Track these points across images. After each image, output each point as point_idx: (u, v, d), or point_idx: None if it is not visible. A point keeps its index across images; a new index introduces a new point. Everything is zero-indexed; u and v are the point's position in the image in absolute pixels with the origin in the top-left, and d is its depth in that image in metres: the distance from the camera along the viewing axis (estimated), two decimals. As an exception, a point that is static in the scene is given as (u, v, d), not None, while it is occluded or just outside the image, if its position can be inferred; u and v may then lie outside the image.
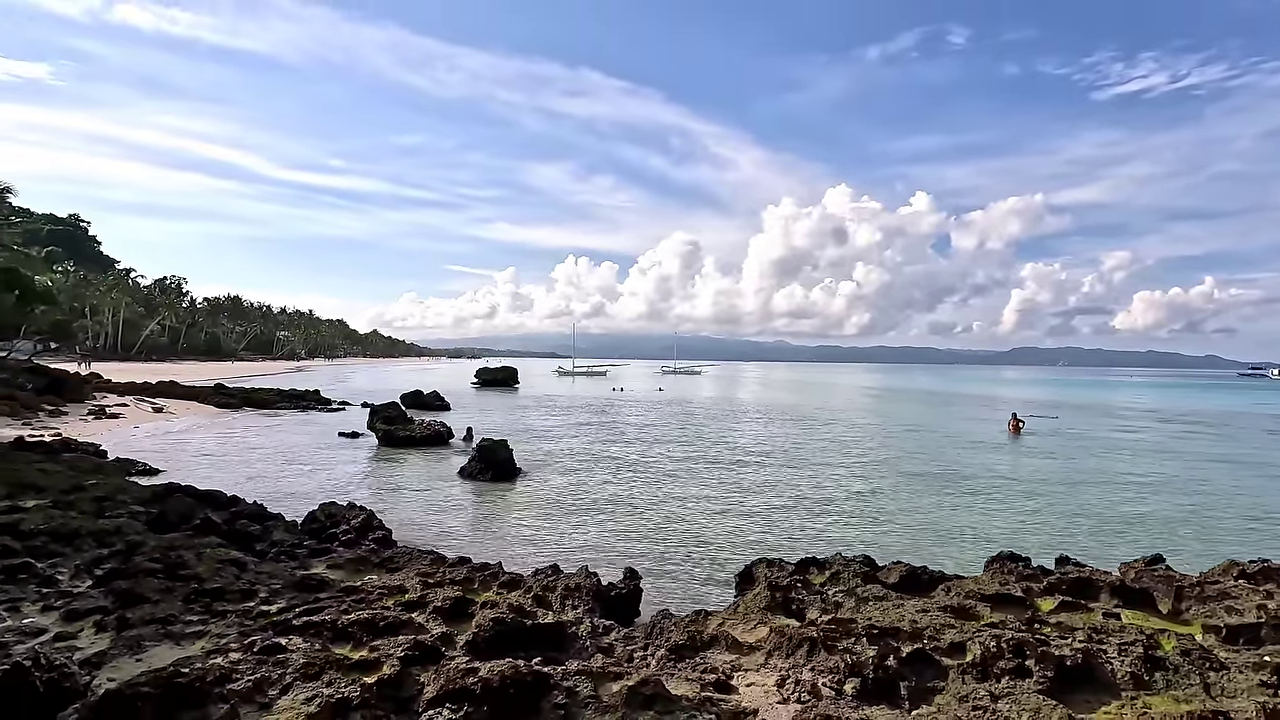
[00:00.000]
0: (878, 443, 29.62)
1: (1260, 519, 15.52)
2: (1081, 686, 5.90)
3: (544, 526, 13.72)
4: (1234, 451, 28.38)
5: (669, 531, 13.53)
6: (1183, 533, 14.15)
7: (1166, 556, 9.14)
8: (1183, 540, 13.50)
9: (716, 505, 16.13)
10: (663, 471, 20.84)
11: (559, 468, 21.10)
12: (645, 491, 17.65)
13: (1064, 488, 19.14)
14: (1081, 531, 14.16)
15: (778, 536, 13.37)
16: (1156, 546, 11.20)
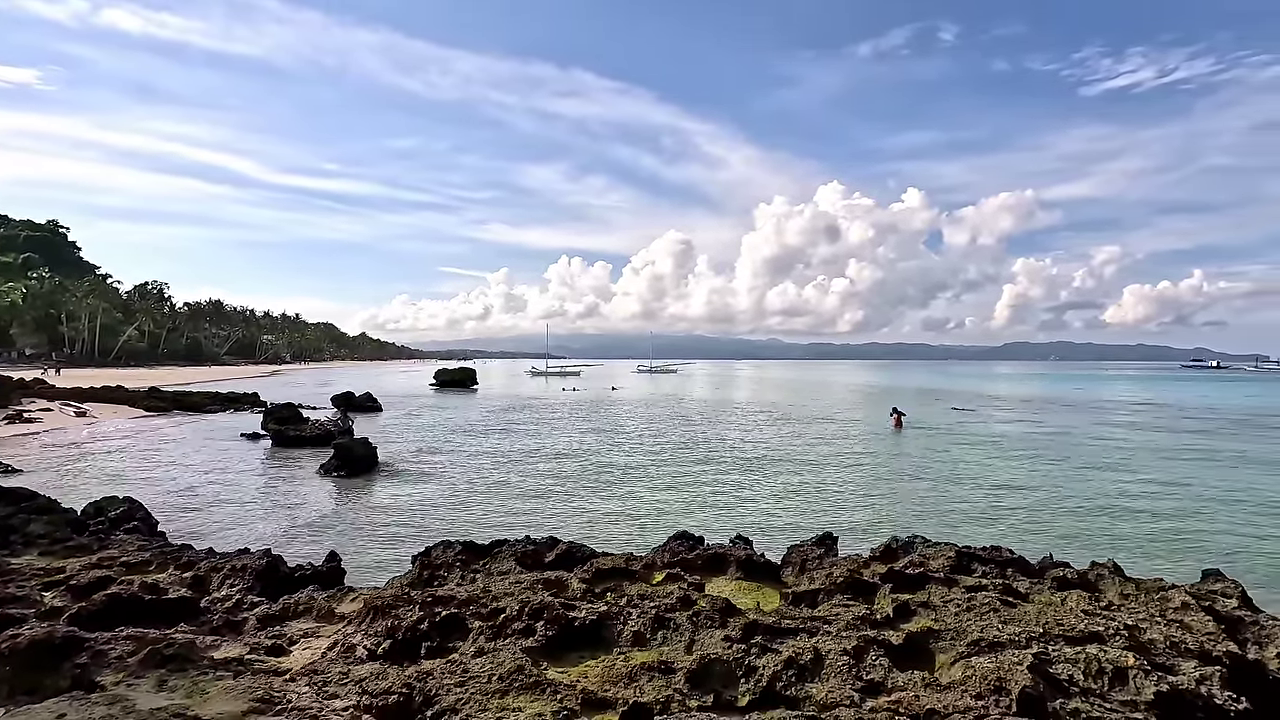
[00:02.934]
0: (744, 434, 30.26)
1: (1040, 513, 16.23)
2: (581, 645, 6.58)
3: (359, 517, 14.38)
4: (1097, 442, 29.15)
5: (479, 519, 14.19)
6: (929, 520, 14.83)
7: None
8: (924, 528, 14.24)
9: (549, 498, 16.79)
10: (524, 466, 21.49)
11: (430, 463, 21.73)
12: (490, 484, 18.32)
13: (874, 474, 19.90)
14: (846, 512, 14.90)
15: (559, 518, 14.06)
16: (912, 530, 11.90)
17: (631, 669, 5.94)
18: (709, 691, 5.68)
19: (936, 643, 6.35)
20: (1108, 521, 14.57)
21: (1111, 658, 5.86)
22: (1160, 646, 6.37)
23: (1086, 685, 5.68)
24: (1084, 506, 15.96)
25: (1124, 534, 13.60)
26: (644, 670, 5.92)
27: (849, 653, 6.00)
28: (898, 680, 5.75)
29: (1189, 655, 6.26)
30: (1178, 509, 15.66)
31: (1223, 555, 11.96)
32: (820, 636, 6.34)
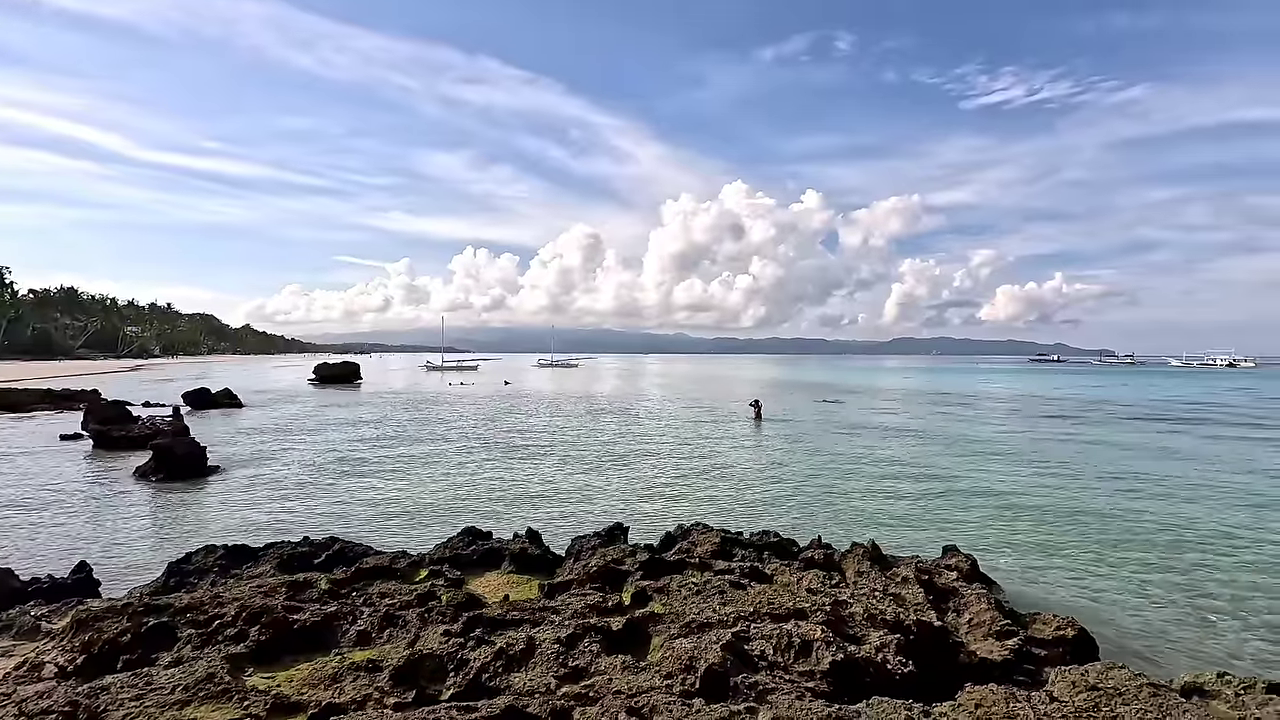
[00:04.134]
0: (611, 427, 30.80)
1: (853, 496, 17.41)
2: (301, 648, 6.40)
3: (158, 525, 13.37)
4: (927, 433, 31.67)
5: (298, 523, 13.53)
6: (752, 507, 15.68)
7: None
8: (745, 515, 14.99)
9: (383, 498, 16.29)
10: (370, 465, 20.78)
11: (269, 465, 20.55)
12: (326, 485, 17.55)
13: (717, 465, 20.75)
14: (680, 503, 15.45)
15: (382, 519, 13.70)
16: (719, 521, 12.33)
17: (339, 670, 5.84)
18: (413, 688, 5.68)
19: (655, 626, 6.62)
20: (907, 503, 15.79)
21: (803, 632, 6.33)
22: (859, 619, 6.94)
23: (774, 659, 6.10)
24: (895, 490, 17.23)
25: (914, 513, 14.78)
26: (352, 670, 5.84)
27: (562, 641, 6.16)
28: (601, 665, 5.96)
29: (882, 626, 6.85)
30: (977, 489, 17.18)
31: (994, 530, 13.26)
32: (543, 626, 6.47)
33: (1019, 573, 10.98)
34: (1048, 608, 9.32)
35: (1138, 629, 8.72)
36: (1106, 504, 15.81)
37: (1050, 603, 9.52)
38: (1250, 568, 11.25)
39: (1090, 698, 5.03)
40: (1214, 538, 12.98)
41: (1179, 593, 10.07)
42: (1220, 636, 8.54)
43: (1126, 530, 13.50)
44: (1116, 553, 11.99)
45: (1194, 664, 7.54)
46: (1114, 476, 19.38)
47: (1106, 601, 9.70)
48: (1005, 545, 12.49)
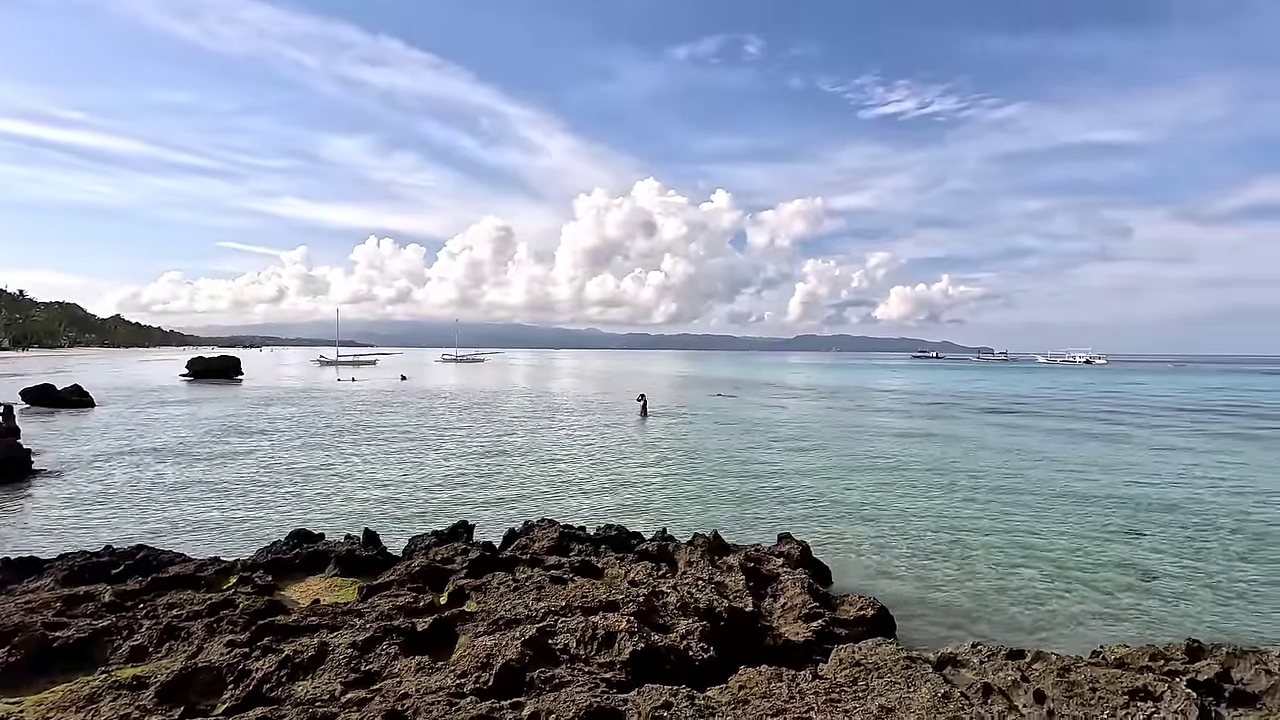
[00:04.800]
0: (499, 424, 30.52)
1: (715, 488, 18.01)
2: (63, 666, 5.88)
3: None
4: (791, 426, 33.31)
5: (120, 533, 12.42)
6: (621, 500, 15.95)
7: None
8: (614, 509, 15.21)
9: (226, 501, 15.27)
10: (223, 466, 19.48)
11: (107, 469, 18.79)
12: (167, 488, 16.26)
13: (595, 459, 20.98)
14: (544, 501, 15.46)
15: (218, 527, 12.87)
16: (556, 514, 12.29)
17: (98, 690, 5.39)
18: (180, 704, 5.32)
19: (464, 625, 6.52)
20: (770, 493, 16.46)
21: (609, 624, 6.41)
22: (672, 609, 7.11)
23: (576, 652, 6.14)
24: (761, 481, 17.91)
25: (774, 502, 15.43)
26: (113, 690, 5.41)
27: (358, 645, 5.95)
28: (396, 667, 5.81)
29: (693, 614, 7.04)
30: (841, 479, 18.14)
31: (835, 517, 14.04)
32: (342, 631, 6.24)
33: (857, 556, 11.64)
34: (874, 589, 9.95)
35: (948, 607, 9.44)
36: (949, 496, 17.06)
37: (877, 584, 10.17)
38: (1047, 553, 12.45)
39: (851, 673, 5.38)
40: (1033, 524, 14.29)
41: (995, 572, 11.00)
42: (1013, 609, 9.40)
43: (965, 519, 14.62)
44: (952, 538, 12.96)
45: (978, 635, 8.24)
46: (962, 471, 20.94)
47: (928, 582, 10.44)
48: (852, 531, 13.23)
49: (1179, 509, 15.20)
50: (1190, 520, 14.22)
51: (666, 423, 31.29)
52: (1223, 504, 15.77)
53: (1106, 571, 10.98)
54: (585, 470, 19.51)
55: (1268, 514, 14.84)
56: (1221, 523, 14.04)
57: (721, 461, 21.04)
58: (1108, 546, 12.37)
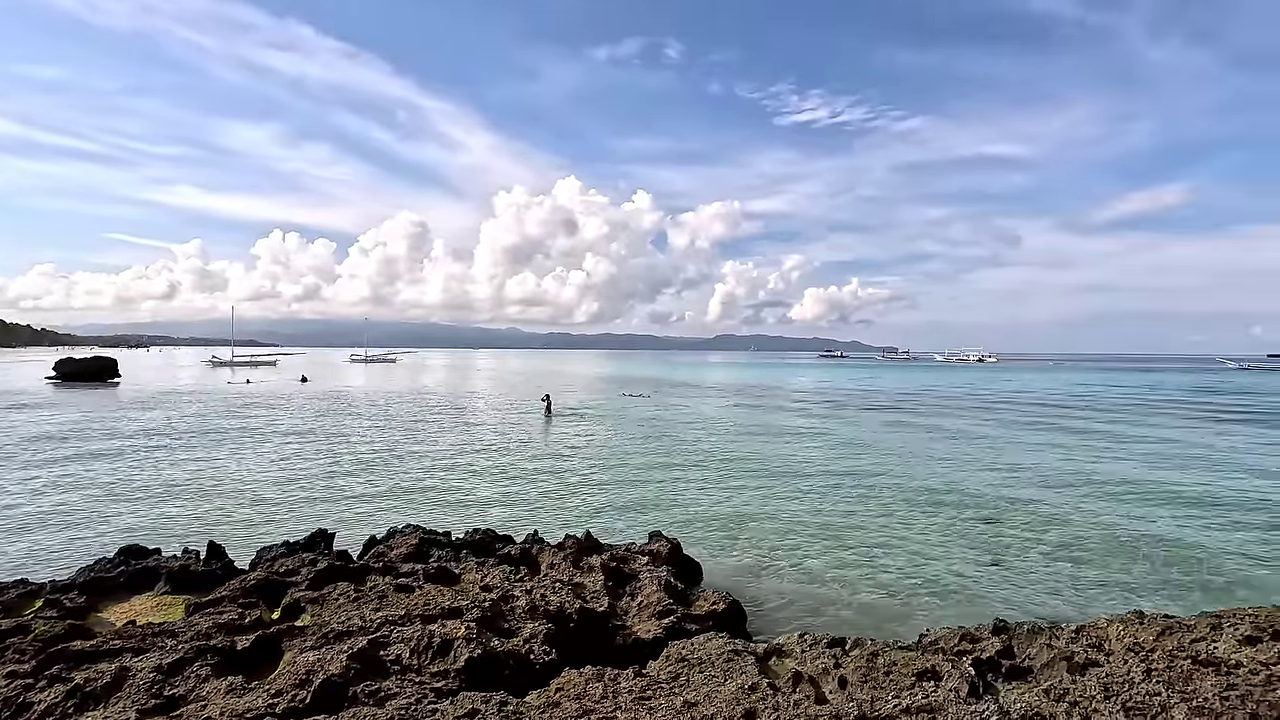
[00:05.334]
0: (397, 427, 29.73)
1: (606, 486, 18.15)
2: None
3: None
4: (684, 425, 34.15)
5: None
6: (511, 501, 15.84)
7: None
8: (500, 511, 15.05)
9: (69, 519, 14.02)
10: (69, 474, 17.91)
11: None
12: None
13: (492, 462, 20.75)
14: (430, 509, 15.12)
15: (72, 543, 11.82)
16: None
17: None
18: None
19: (291, 641, 6.22)
20: (660, 491, 16.69)
21: (446, 632, 6.27)
22: (520, 612, 7.03)
23: (409, 662, 5.97)
24: (652, 479, 18.15)
25: (662, 500, 15.66)
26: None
27: (164, 668, 5.56)
28: (205, 690, 5.46)
29: (542, 617, 6.99)
30: (729, 478, 18.60)
31: (716, 514, 14.40)
32: (149, 654, 5.81)
33: (733, 552, 11.95)
34: (742, 584, 10.25)
35: (812, 598, 9.82)
36: (831, 492, 17.81)
37: (746, 579, 10.48)
38: (911, 544, 13.21)
39: (675, 669, 5.49)
40: (905, 517, 15.12)
41: (862, 564, 11.54)
42: (870, 598, 9.89)
43: (841, 514, 15.28)
44: (826, 532, 13.51)
45: (831, 625, 8.63)
46: (846, 468, 21.92)
47: (796, 575, 10.84)
48: (733, 528, 13.57)
49: (1030, 498, 16.47)
50: (1039, 509, 15.44)
51: (570, 423, 31.14)
52: (1066, 492, 17.22)
53: (960, 559, 11.75)
54: (477, 473, 19.14)
55: (1095, 505, 16.31)
56: (1060, 510, 15.32)
57: (617, 461, 21.14)
58: (964, 535, 13.24)
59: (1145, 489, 17.38)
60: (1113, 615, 7.37)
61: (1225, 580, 10.78)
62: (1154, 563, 11.56)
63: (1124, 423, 34.38)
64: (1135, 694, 4.39)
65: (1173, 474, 19.55)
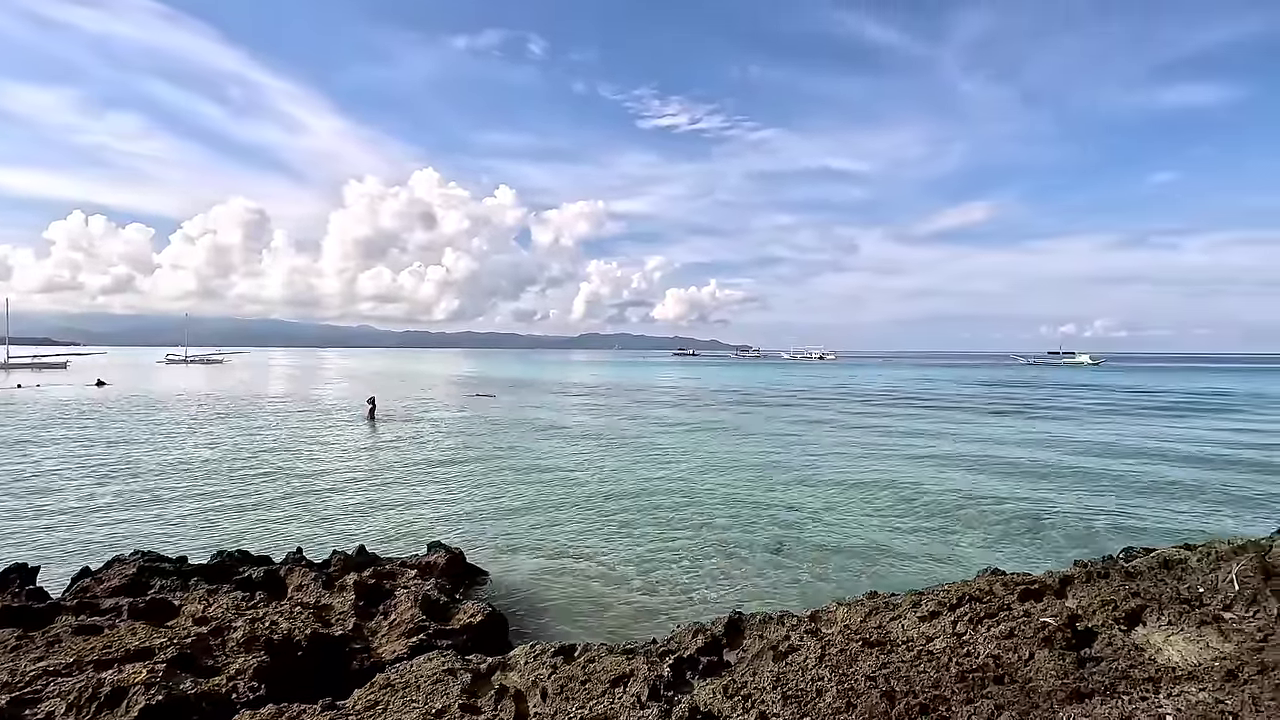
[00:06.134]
0: (202, 436, 27.01)
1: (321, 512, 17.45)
2: None
3: None
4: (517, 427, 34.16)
5: None
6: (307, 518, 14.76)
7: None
8: (299, 527, 13.93)
9: None
10: None
11: None
12: None
13: (297, 472, 19.31)
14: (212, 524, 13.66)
15: None
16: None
17: None
18: None
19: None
20: (470, 500, 16.16)
21: (121, 678, 5.46)
22: (234, 645, 6.32)
23: (64, 717, 5.13)
24: (464, 487, 17.57)
25: (471, 511, 15.15)
26: None
27: None
28: None
29: (261, 648, 6.31)
30: (547, 482, 18.41)
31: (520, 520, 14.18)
32: None
33: (529, 559, 11.70)
34: (529, 593, 10.03)
35: (590, 603, 9.79)
36: (647, 493, 18.14)
37: (535, 587, 10.28)
38: (703, 540, 13.71)
39: (377, 697, 5.12)
40: (709, 515, 15.67)
41: (645, 565, 11.72)
42: (645, 599, 10.05)
43: (648, 516, 15.55)
44: (628, 533, 13.65)
45: (597, 629, 8.64)
46: (667, 466, 22.51)
47: (582, 581, 10.78)
48: (536, 534, 13.34)
49: (829, 487, 17.76)
50: (834, 498, 16.66)
51: (399, 427, 29.44)
52: (867, 481, 18.77)
53: (755, 549, 12.32)
54: (271, 485, 17.48)
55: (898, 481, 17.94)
56: (852, 498, 16.66)
57: (436, 468, 20.21)
58: (760, 528, 13.94)
59: (917, 474, 19.36)
60: (846, 599, 7.96)
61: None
62: (932, 540, 12.80)
63: (906, 416, 38.39)
64: (801, 680, 4.63)
65: (902, 467, 21.95)
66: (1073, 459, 22.42)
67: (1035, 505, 15.66)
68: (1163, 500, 16.45)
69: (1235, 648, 5.02)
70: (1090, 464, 21.50)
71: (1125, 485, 18.10)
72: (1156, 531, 13.53)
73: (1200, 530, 13.41)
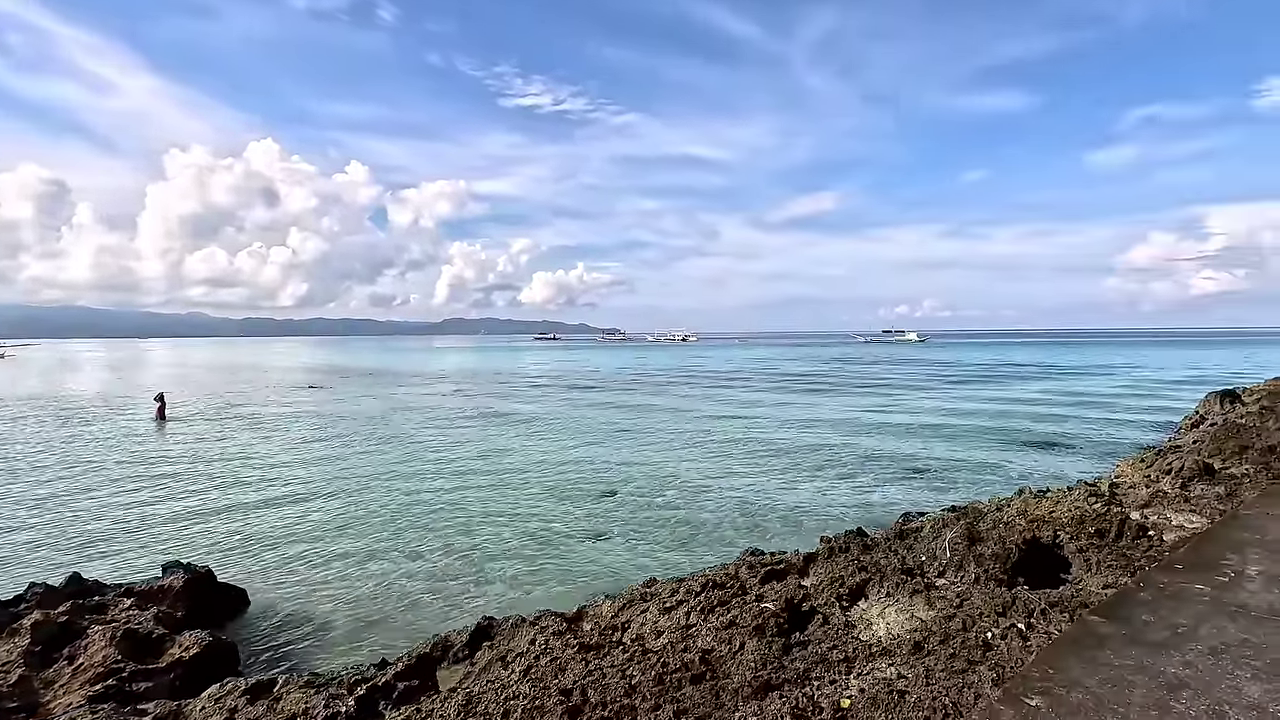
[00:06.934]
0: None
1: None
2: None
3: None
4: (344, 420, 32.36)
5: None
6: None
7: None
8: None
9: None
10: None
11: None
12: None
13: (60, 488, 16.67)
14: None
15: None
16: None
17: None
18: None
19: None
20: (241, 513, 14.57)
21: None
22: None
23: None
24: (254, 497, 15.87)
25: (237, 525, 13.62)
26: None
27: None
28: None
29: None
30: (348, 487, 17.04)
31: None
32: None
33: (303, 574, 10.56)
34: (295, 610, 9.00)
35: (357, 620, 8.94)
36: (449, 491, 17.30)
37: (303, 603, 9.25)
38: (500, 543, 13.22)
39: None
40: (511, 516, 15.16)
41: (449, 567, 11.00)
42: (409, 615, 9.37)
43: (447, 520, 14.75)
44: (431, 536, 12.80)
45: (364, 649, 7.87)
46: (473, 466, 21.76)
47: (358, 595, 9.85)
48: (321, 545, 12.16)
49: (651, 466, 17.89)
50: (658, 480, 16.75)
51: (193, 428, 26.00)
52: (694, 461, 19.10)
53: (566, 543, 11.95)
54: (14, 503, 14.75)
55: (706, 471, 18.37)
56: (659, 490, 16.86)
57: (217, 475, 17.78)
58: (576, 521, 13.63)
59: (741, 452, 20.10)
60: (623, 591, 7.76)
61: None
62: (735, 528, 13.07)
63: (747, 390, 40.34)
64: (493, 702, 4.23)
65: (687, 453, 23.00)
66: (880, 428, 24.35)
67: (847, 476, 16.70)
68: (958, 463, 18.17)
69: (935, 615, 5.27)
70: (890, 433, 23.43)
71: (918, 454, 19.83)
72: (957, 489, 14.91)
73: (986, 488, 14.80)
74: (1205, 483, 9.81)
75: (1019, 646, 4.54)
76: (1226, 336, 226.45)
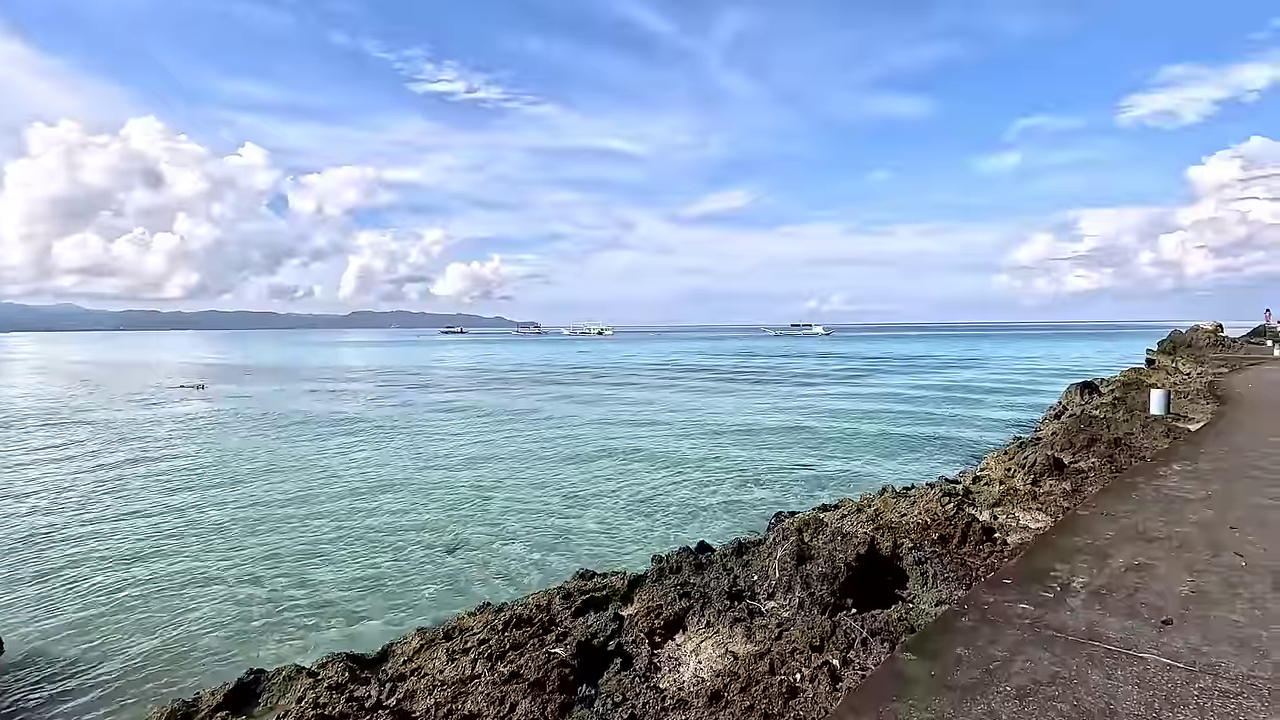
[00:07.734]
0: None
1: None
2: None
3: None
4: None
5: None
6: None
7: None
8: None
9: None
10: None
11: None
12: None
13: None
14: None
15: None
16: None
17: None
18: None
19: None
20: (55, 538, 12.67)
21: None
22: None
23: None
24: (76, 517, 13.88)
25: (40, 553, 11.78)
26: None
27: None
28: None
29: None
30: (174, 507, 15.26)
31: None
32: None
33: (98, 611, 9.01)
34: (58, 654, 7.56)
35: (137, 660, 7.60)
36: (269, 513, 15.86)
37: (74, 645, 7.80)
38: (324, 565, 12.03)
39: None
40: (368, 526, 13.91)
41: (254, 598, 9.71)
42: (224, 651, 8.13)
43: (284, 534, 13.36)
44: (234, 562, 11.40)
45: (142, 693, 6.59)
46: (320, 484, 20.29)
47: (149, 630, 8.48)
48: (111, 575, 10.56)
49: (523, 476, 16.97)
50: (532, 487, 15.85)
51: (23, 437, 22.94)
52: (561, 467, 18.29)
53: (427, 557, 10.86)
54: None
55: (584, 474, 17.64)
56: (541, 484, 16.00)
57: (32, 489, 15.53)
58: (442, 529, 12.55)
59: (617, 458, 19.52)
60: (441, 624, 6.84)
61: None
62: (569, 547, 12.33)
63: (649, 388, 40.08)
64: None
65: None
66: (776, 422, 24.39)
67: (741, 471, 16.36)
68: (845, 453, 18.23)
69: (751, 650, 4.67)
70: (793, 424, 23.50)
71: (823, 442, 19.85)
72: (836, 485, 14.81)
73: (863, 484, 14.68)
74: (1054, 478, 9.90)
75: (825, 693, 3.99)
76: (1097, 329, 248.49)
